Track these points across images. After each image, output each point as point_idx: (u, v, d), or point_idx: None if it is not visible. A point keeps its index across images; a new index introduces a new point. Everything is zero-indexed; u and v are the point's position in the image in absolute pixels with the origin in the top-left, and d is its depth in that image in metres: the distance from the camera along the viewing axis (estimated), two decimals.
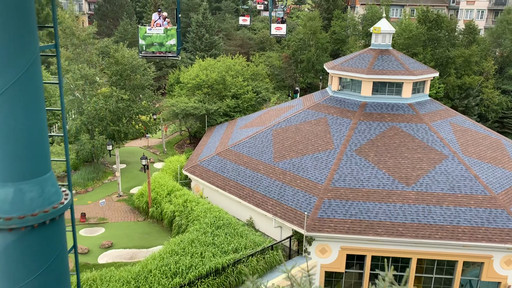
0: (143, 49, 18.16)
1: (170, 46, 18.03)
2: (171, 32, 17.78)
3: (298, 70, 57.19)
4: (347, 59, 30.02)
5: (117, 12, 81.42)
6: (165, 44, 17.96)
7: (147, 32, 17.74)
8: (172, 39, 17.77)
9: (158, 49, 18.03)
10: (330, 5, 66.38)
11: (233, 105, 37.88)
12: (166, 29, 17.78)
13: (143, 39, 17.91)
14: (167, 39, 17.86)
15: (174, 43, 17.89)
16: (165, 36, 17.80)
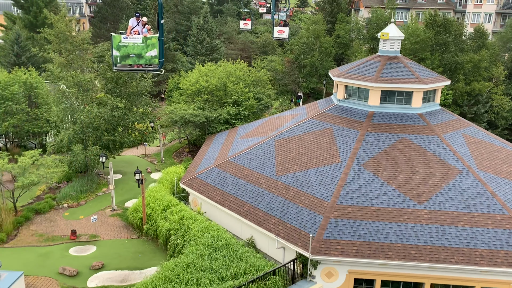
0: (117, 62, 15.46)
1: (151, 58, 15.38)
2: (152, 41, 15.22)
3: (301, 74, 55.75)
4: (353, 66, 28.53)
5: (118, 14, 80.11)
6: (144, 56, 15.33)
7: (122, 41, 15.17)
8: (153, 49, 15.22)
9: (136, 61, 15.38)
10: (334, 8, 64.96)
11: (233, 112, 36.44)
12: (146, 38, 15.24)
13: (117, 49, 15.21)
14: (146, 50, 15.25)
15: (155, 54, 15.33)
16: (144, 46, 15.20)
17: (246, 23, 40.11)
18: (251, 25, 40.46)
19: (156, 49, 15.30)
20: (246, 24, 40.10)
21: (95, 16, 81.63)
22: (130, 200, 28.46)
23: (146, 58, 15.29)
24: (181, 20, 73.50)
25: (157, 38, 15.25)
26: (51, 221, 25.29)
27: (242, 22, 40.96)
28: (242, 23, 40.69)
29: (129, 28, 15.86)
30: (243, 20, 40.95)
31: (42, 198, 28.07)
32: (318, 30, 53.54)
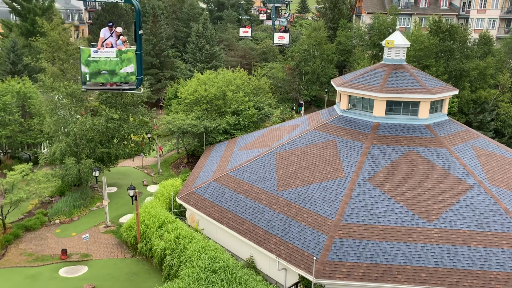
0: (86, 80, 13.03)
1: (126, 75, 13.02)
2: (128, 56, 12.92)
3: (303, 82, 54.72)
4: (357, 75, 27.45)
5: (116, 21, 79.33)
6: (119, 73, 12.96)
7: (92, 55, 12.88)
8: (129, 65, 12.92)
9: (109, 79, 13.07)
10: (335, 14, 64.05)
11: (233, 122, 35.35)
12: (120, 51, 12.95)
13: (86, 65, 12.90)
14: (121, 66, 12.91)
15: (131, 70, 12.97)
16: (119, 61, 12.89)
17: (246, 30, 38.88)
18: (251, 33, 39.28)
19: (133, 64, 13.03)
20: (245, 32, 38.89)
21: (93, 23, 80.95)
22: (125, 215, 27.31)
23: (121, 75, 13.08)
24: (181, 27, 72.68)
25: (134, 52, 12.99)
26: (42, 239, 24.14)
27: (241, 29, 39.69)
28: (242, 30, 39.45)
29: (101, 40, 13.61)
30: (243, 28, 39.73)
31: (33, 214, 26.94)
32: (320, 37, 52.56)
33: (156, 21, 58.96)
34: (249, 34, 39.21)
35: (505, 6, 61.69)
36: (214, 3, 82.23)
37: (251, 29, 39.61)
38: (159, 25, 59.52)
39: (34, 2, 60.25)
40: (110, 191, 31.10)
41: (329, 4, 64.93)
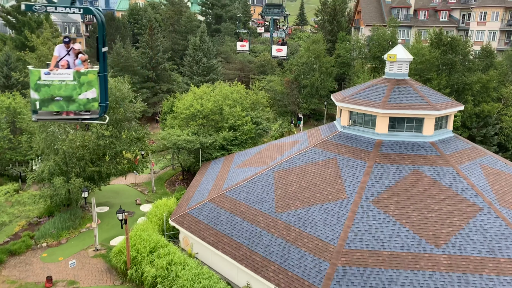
0: (36, 108, 10.76)
1: (87, 102, 10.76)
2: (88, 78, 10.65)
3: (301, 95, 53.78)
4: (358, 90, 26.43)
5: (113, 34, 78.76)
6: (77, 99, 10.70)
7: (43, 78, 10.62)
8: (90, 89, 10.69)
9: (65, 107, 10.75)
10: (334, 26, 63.41)
11: (230, 137, 34.23)
12: (79, 73, 10.64)
13: (35, 90, 10.65)
14: (80, 90, 10.64)
15: (93, 96, 10.74)
16: (77, 86, 10.63)
17: (243, 44, 37.77)
18: (248, 46, 38.25)
19: (96, 88, 10.78)
20: (243, 46, 37.77)
21: (90, 35, 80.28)
22: (117, 237, 26.00)
23: (80, 102, 10.72)
24: (178, 40, 72.00)
25: (97, 73, 10.76)
26: (27, 264, 22.81)
27: (238, 43, 38.52)
28: (239, 44, 38.34)
29: (54, 59, 11.28)
30: (240, 42, 38.64)
31: (19, 236, 25.62)
32: (318, 50, 51.76)
33: (152, 34, 58.22)
34: (246, 48, 38.04)
35: (505, 18, 61.14)
36: (212, 16, 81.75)
37: (248, 42, 38.48)
38: (156, 37, 58.78)
39: (29, 15, 59.49)
40: (102, 211, 29.84)
41: (327, 16, 64.37)
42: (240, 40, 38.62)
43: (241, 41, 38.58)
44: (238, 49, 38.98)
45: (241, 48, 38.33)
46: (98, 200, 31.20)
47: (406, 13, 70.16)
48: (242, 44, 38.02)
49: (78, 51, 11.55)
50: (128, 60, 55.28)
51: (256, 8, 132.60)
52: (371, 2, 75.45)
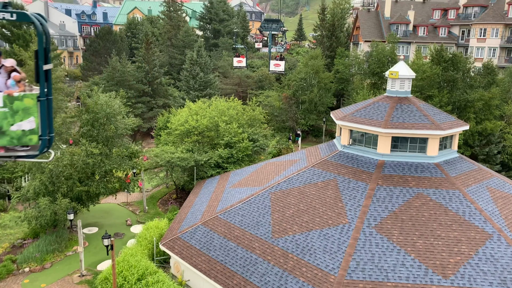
0: None
1: (22, 135, 8.35)
2: (25, 104, 8.25)
3: (300, 111, 52.83)
4: (359, 108, 25.39)
5: (110, 48, 78.19)
6: (9, 132, 8.29)
7: None
8: (27, 118, 8.29)
9: None
10: (332, 42, 62.84)
11: (226, 155, 33.05)
12: (11, 98, 8.22)
13: None
14: (12, 120, 8.26)
15: (31, 127, 8.36)
16: (9, 113, 8.22)
17: (240, 60, 36.56)
18: (245, 62, 37.19)
19: (35, 117, 8.35)
20: (240, 61, 36.51)
21: (86, 49, 79.57)
22: (104, 261, 24.61)
23: (13, 135, 8.32)
24: (175, 54, 71.31)
25: (36, 98, 8.31)
26: None
27: (235, 59, 37.30)
28: (236, 60, 37.13)
29: None
30: (237, 57, 37.50)
31: (1, 260, 24.18)
32: (317, 65, 50.99)
33: (149, 48, 57.46)
34: (243, 63, 36.73)
35: (505, 35, 60.69)
36: (210, 30, 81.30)
37: (245, 58, 37.40)
38: (152, 52, 58.02)
39: (25, 28, 58.74)
40: (90, 232, 28.48)
41: (326, 32, 63.87)
42: (237, 56, 37.19)
43: (238, 56, 37.19)
44: (234, 65, 37.35)
45: (237, 64, 36.81)
46: (86, 221, 29.87)
47: (405, 29, 69.78)
48: (239, 60, 36.61)
49: (11, 68, 8.90)
50: (123, 74, 54.36)
51: (255, 23, 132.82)
52: (370, 18, 75.18)
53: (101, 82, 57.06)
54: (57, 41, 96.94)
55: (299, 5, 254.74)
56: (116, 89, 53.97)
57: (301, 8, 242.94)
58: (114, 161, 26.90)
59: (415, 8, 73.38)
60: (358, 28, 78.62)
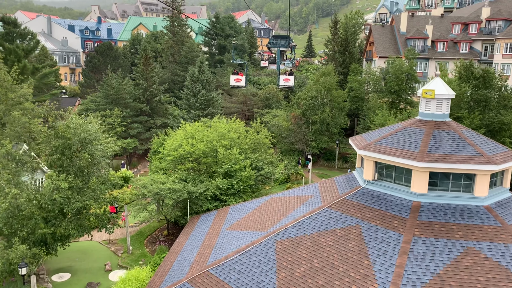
0: None
1: None
2: None
3: (310, 132, 48.11)
4: (385, 135, 20.62)
5: (110, 64, 74.72)
6: None
7: None
8: None
9: None
10: (345, 58, 58.41)
11: (224, 186, 28.34)
12: None
13: None
14: None
15: None
16: None
17: (239, 78, 30.66)
18: (245, 81, 31.07)
19: None
20: (238, 80, 30.58)
21: (86, 65, 76.24)
22: None
23: None
24: (178, 71, 67.43)
25: None
26: None
27: (233, 77, 30.93)
28: (233, 78, 30.91)
29: None
30: (235, 75, 31.36)
31: None
32: (329, 82, 46.49)
33: (147, 64, 53.52)
34: (242, 82, 30.50)
35: None
36: (215, 46, 77.56)
37: (245, 76, 31.19)
38: (151, 68, 54.06)
39: (17, 43, 55.21)
40: (61, 279, 23.78)
41: (338, 47, 59.54)
42: (234, 73, 31.35)
43: (236, 74, 31.44)
44: (231, 84, 31.28)
45: (235, 82, 30.75)
46: (58, 264, 25.20)
47: (423, 44, 65.24)
48: (237, 78, 30.76)
49: None
50: (119, 91, 50.30)
51: (263, 40, 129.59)
52: (385, 32, 70.89)
53: (97, 100, 53.17)
54: (58, 57, 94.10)
55: (308, 23, 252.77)
56: (110, 108, 49.91)
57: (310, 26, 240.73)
58: (88, 196, 22.25)
59: (433, 22, 68.97)
60: (371, 44, 74.32)
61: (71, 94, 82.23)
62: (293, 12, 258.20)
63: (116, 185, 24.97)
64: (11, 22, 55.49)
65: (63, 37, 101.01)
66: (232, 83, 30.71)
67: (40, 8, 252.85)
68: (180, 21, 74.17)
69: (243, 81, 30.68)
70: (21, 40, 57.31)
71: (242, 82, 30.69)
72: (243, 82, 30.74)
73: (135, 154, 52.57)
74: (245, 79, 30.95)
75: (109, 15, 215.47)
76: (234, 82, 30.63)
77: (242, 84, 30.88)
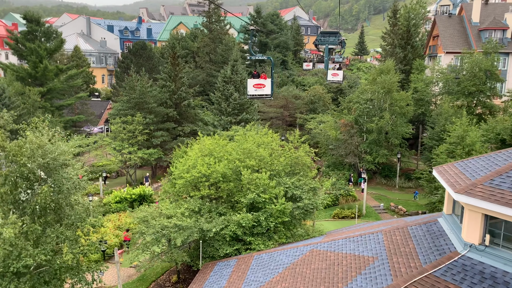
0: None
1: None
2: None
3: (364, 144, 39.66)
4: (503, 169, 12.31)
5: (143, 65, 69.55)
6: None
7: None
8: None
9: None
10: (407, 53, 49.19)
11: (249, 223, 20.86)
12: None
13: None
14: None
15: None
16: None
17: (261, 83, 22.58)
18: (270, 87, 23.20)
19: None
20: (259, 86, 22.60)
21: (119, 66, 71.69)
22: None
23: None
24: (213, 71, 60.90)
25: None
26: None
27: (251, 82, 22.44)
28: (252, 83, 22.63)
29: None
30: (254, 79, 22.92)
31: None
32: (389, 82, 37.83)
33: (176, 64, 47.19)
34: (267, 90, 23.22)
35: None
36: (256, 44, 70.41)
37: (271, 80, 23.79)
38: (180, 67, 47.73)
39: (38, 42, 50.89)
40: None
41: (399, 40, 50.31)
42: (254, 75, 23.03)
43: (257, 76, 22.97)
44: (250, 93, 23.14)
45: (255, 90, 22.46)
46: None
47: (502, 36, 54.58)
48: (258, 84, 22.37)
49: None
50: (142, 95, 44.29)
51: (310, 37, 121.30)
52: (452, 24, 60.66)
53: (122, 105, 47.64)
54: (96, 58, 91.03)
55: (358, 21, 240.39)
56: (133, 113, 44.07)
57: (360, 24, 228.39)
58: (46, 250, 15.53)
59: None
60: (435, 38, 64.21)
61: (106, 97, 78.36)
62: (343, 10, 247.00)
63: (96, 226, 18.14)
64: (34, 20, 51.26)
65: (102, 37, 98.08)
66: (251, 90, 22.51)
67: (94, 12, 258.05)
68: (218, 17, 67.72)
69: (268, 87, 22.44)
70: (46, 39, 53.05)
71: (267, 89, 22.46)
72: (267, 90, 22.50)
73: (158, 166, 46.45)
74: (270, 84, 22.68)
75: (157, 17, 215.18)
76: (253, 90, 22.45)
77: (266, 92, 22.64)
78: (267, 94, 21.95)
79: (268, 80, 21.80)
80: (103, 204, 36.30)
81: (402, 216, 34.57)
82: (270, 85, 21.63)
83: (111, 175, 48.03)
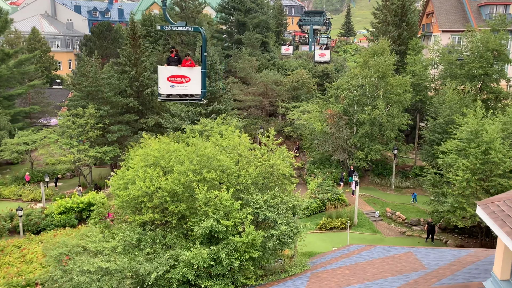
0: None
1: None
2: None
3: (355, 137, 34.03)
4: None
5: (108, 48, 62.63)
6: None
7: None
8: None
9: None
10: (402, 31, 43.38)
11: (205, 261, 15.08)
12: None
13: None
14: None
15: None
16: None
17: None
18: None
19: None
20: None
21: (81, 49, 64.61)
22: None
23: None
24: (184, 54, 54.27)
25: None
26: None
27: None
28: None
29: None
30: None
31: None
32: (384, 65, 32.06)
33: (136, 45, 40.69)
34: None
35: None
36: (234, 23, 63.90)
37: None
38: (142, 50, 41.26)
39: None
40: None
41: (392, 16, 44.40)
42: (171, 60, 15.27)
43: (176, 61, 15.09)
44: (162, 91, 15.38)
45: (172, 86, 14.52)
46: None
47: (504, 11, 49.19)
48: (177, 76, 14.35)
49: None
50: (96, 82, 37.78)
51: (294, 18, 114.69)
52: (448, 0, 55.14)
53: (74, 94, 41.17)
54: (60, 41, 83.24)
55: (344, 2, 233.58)
56: (84, 104, 37.63)
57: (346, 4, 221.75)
58: None
59: None
60: (429, 15, 58.66)
61: (73, 84, 71.30)
62: None
63: None
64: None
65: (68, 19, 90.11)
66: (164, 87, 15.28)
67: None
68: None
69: (195, 82, 14.94)
70: None
71: (192, 85, 14.99)
72: (194, 86, 14.99)
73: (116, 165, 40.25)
74: (200, 76, 15.25)
75: None
76: (168, 86, 15.16)
77: (192, 90, 15.12)
78: (194, 96, 15.05)
79: (197, 70, 14.92)
80: (45, 216, 30.31)
81: (401, 225, 29.21)
82: (199, 79, 14.71)
83: (65, 175, 41.82)
